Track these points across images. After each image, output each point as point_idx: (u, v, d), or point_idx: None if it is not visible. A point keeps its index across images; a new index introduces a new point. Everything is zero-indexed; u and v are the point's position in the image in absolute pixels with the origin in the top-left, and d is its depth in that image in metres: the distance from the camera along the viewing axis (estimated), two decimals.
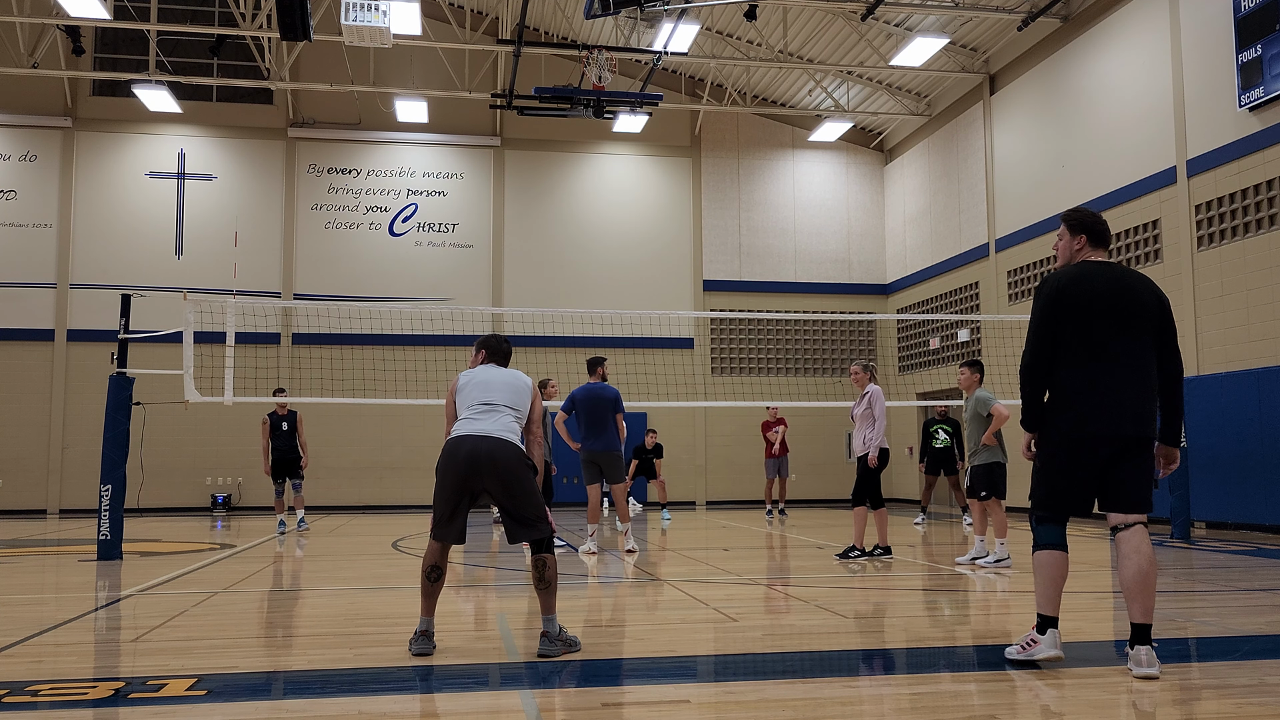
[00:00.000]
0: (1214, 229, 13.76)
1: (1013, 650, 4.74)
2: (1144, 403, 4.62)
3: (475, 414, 5.28)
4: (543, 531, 5.14)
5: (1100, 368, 4.61)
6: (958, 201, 20.27)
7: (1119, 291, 4.67)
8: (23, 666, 4.85)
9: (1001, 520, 9.10)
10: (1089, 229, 4.84)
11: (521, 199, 22.31)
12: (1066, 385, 4.67)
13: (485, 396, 5.35)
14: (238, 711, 3.97)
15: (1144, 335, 4.67)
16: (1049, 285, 4.73)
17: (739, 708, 3.99)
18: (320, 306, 20.19)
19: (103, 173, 21.04)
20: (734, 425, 21.87)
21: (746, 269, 22.77)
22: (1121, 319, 4.64)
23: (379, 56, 20.53)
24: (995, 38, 18.57)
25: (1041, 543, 4.73)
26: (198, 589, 7.85)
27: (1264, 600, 6.78)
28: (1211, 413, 13.27)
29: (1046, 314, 4.69)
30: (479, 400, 5.34)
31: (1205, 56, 13.89)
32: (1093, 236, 4.84)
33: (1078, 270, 4.74)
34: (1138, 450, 4.61)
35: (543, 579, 5.11)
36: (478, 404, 5.32)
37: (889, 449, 9.82)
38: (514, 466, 5.13)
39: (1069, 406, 4.65)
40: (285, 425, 14.05)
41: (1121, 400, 4.58)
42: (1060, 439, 4.67)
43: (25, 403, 20.27)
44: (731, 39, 20.29)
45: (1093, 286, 4.66)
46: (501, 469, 5.11)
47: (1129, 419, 4.57)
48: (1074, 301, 4.65)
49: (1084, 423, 4.60)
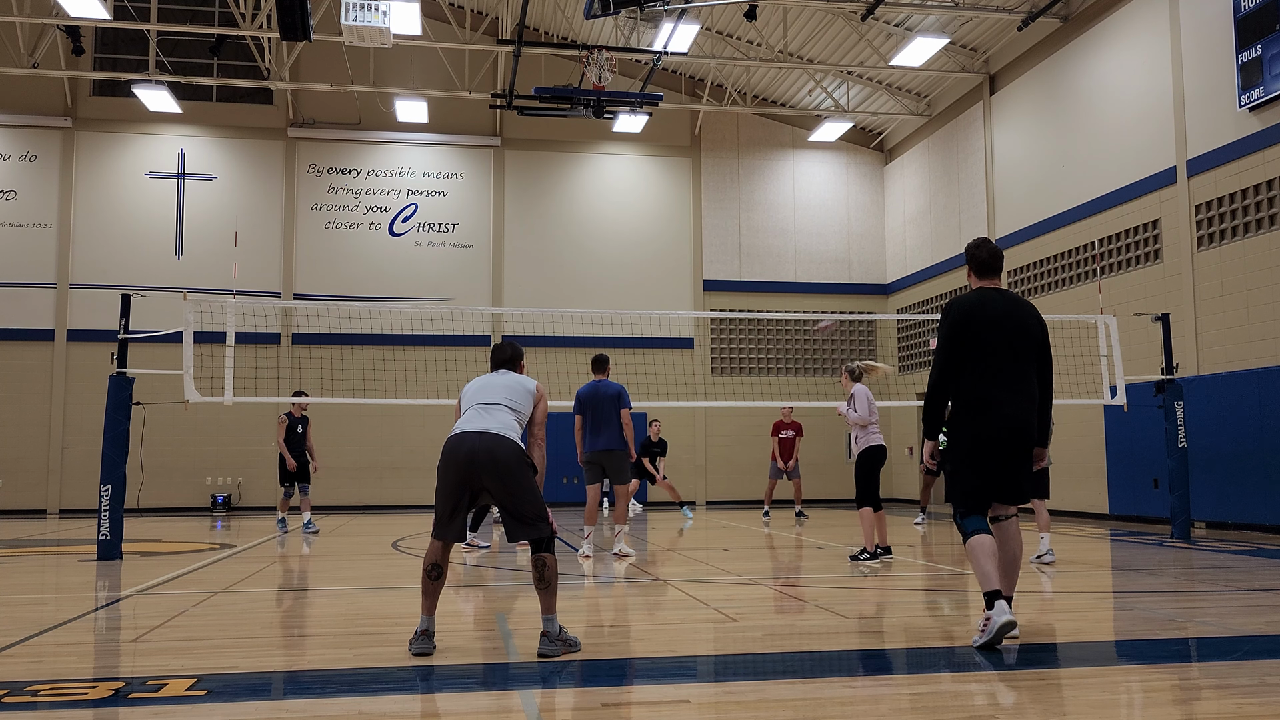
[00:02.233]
0: (1214, 229, 13.76)
1: (976, 639, 5.04)
2: (1029, 413, 5.26)
3: (475, 413, 5.31)
4: (541, 531, 5.13)
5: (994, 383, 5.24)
6: (958, 201, 20.28)
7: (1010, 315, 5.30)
8: (23, 666, 4.85)
9: (1045, 519, 9.31)
10: (972, 260, 5.50)
11: (521, 199, 22.31)
12: (970, 397, 5.27)
13: (485, 396, 5.40)
14: (238, 711, 3.97)
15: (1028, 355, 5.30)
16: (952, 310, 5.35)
17: (739, 708, 3.99)
18: (320, 306, 20.19)
19: (103, 173, 21.04)
20: (734, 425, 21.88)
21: (746, 269, 22.78)
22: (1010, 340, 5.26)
23: (379, 56, 20.54)
24: (995, 38, 18.57)
25: (970, 530, 5.19)
26: (198, 589, 7.85)
27: (1264, 600, 6.78)
28: (1211, 413, 13.26)
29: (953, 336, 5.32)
30: (479, 400, 5.39)
31: (1205, 56, 13.89)
32: (977, 267, 5.48)
33: (977, 296, 5.38)
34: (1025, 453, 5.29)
35: (542, 578, 5.10)
36: (478, 404, 5.37)
37: (884, 447, 9.73)
38: (512, 464, 5.12)
39: (975, 416, 5.24)
40: (300, 428, 14.23)
41: (1009, 411, 5.19)
42: (970, 444, 5.28)
43: (25, 403, 20.27)
44: (731, 39, 20.29)
45: (987, 312, 5.29)
46: (500, 466, 5.09)
47: (1018, 426, 5.22)
48: (973, 324, 5.28)
49: (985, 429, 5.22)
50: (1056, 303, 16.75)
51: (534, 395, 5.48)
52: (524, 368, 5.88)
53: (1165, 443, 12.37)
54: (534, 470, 5.24)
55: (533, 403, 5.47)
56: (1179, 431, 12.23)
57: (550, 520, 5.21)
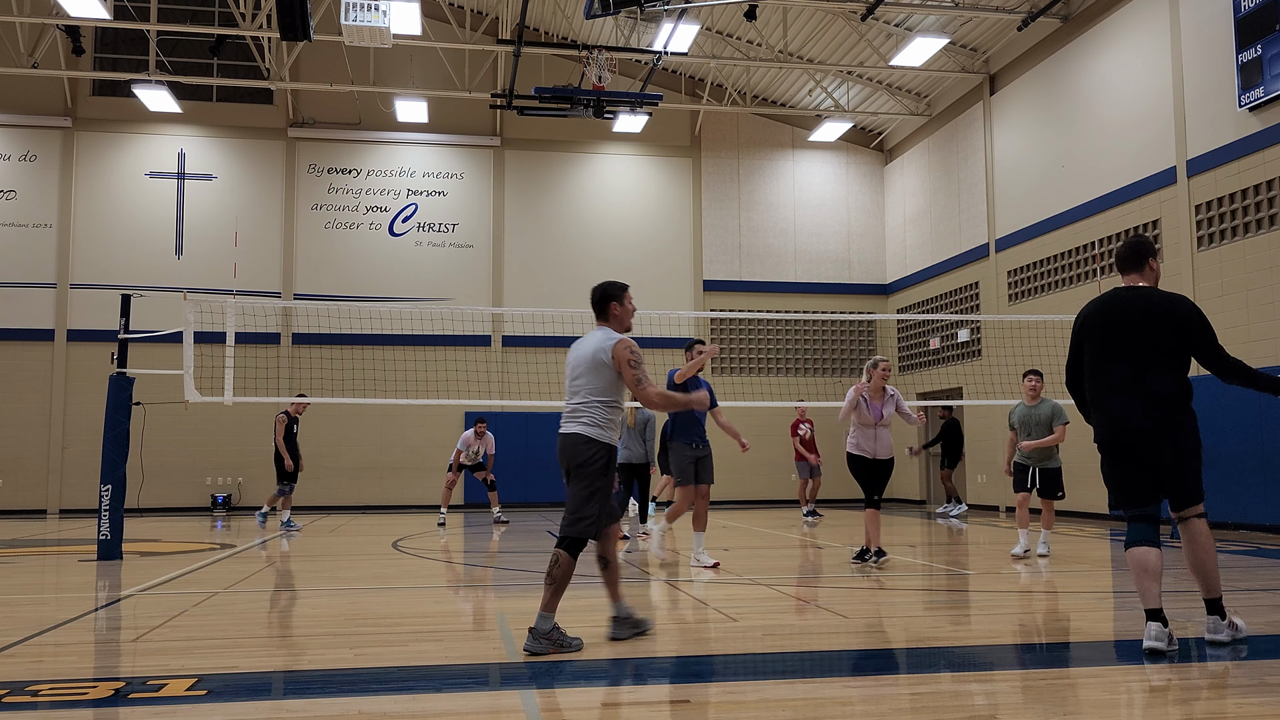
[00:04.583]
0: (1214, 229, 13.76)
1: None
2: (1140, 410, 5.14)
3: (566, 405, 5.46)
4: (569, 530, 5.20)
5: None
6: (958, 201, 20.27)
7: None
8: (23, 666, 4.85)
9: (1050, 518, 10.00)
10: (1116, 260, 5.54)
11: (521, 199, 22.31)
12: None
13: (569, 381, 5.48)
14: (238, 711, 3.97)
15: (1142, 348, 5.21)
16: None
17: (739, 708, 3.99)
18: (320, 306, 20.19)
19: (103, 173, 21.04)
20: (734, 425, 21.82)
21: (746, 269, 22.78)
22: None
23: (379, 56, 20.53)
24: (995, 38, 18.57)
25: (1128, 542, 5.15)
26: (198, 589, 7.85)
27: (1264, 600, 6.78)
28: (1211, 413, 13.23)
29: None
30: (567, 386, 5.50)
31: (1205, 56, 13.89)
32: (1119, 265, 5.49)
33: (1100, 299, 5.39)
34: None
35: (549, 574, 5.18)
36: (567, 390, 5.49)
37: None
38: (571, 467, 5.28)
39: (1094, 420, 5.36)
40: (295, 428, 14.68)
41: (1115, 414, 5.18)
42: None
43: (25, 403, 20.27)
44: (731, 39, 20.29)
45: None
46: (568, 469, 5.33)
47: (1129, 426, 5.13)
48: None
49: (1100, 433, 5.27)
50: (1056, 303, 16.75)
51: (609, 363, 5.23)
52: (619, 309, 5.49)
53: None
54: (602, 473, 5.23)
55: (612, 373, 5.25)
56: None
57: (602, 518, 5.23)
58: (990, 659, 4.93)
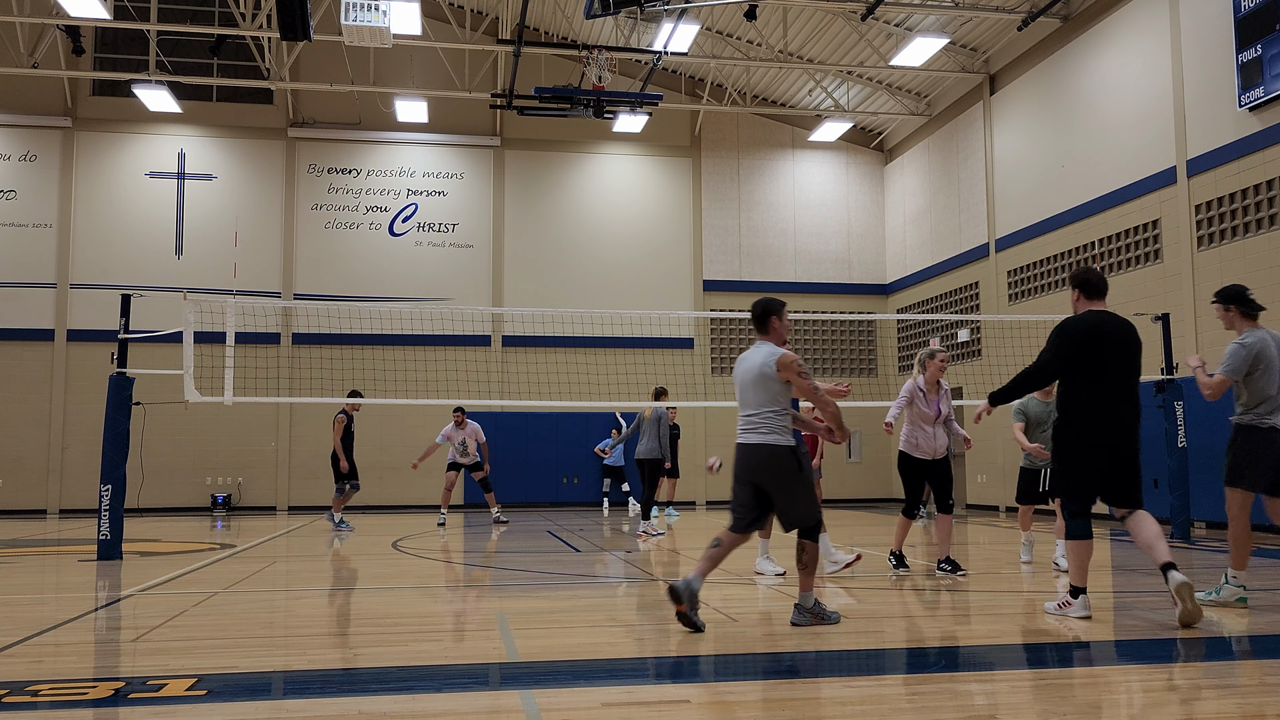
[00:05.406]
0: (1214, 229, 13.76)
1: (1050, 606, 6.04)
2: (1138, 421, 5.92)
3: (739, 419, 5.80)
4: (806, 522, 5.66)
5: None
6: (957, 201, 20.28)
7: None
8: (23, 666, 4.85)
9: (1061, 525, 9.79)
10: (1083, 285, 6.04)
11: (521, 199, 22.31)
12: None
13: (739, 394, 5.81)
14: (238, 711, 3.97)
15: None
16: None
17: (739, 708, 3.99)
18: (320, 306, 20.19)
19: (103, 173, 21.04)
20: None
21: (746, 269, 22.78)
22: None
23: (379, 56, 20.53)
24: (995, 38, 18.57)
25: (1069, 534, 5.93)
26: (198, 589, 7.85)
27: (1264, 600, 6.78)
28: (1211, 413, 13.25)
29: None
30: (738, 398, 5.83)
31: (1205, 56, 13.89)
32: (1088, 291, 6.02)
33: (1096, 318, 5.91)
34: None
35: (800, 561, 5.73)
36: (739, 401, 5.81)
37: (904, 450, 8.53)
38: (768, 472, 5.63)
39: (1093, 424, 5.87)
40: (352, 427, 14.98)
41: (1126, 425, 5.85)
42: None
43: (25, 403, 20.27)
44: (731, 39, 20.29)
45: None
46: (763, 473, 5.63)
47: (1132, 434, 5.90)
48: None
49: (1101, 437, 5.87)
50: (1056, 303, 16.75)
51: (774, 377, 5.60)
52: (778, 323, 5.84)
53: (1165, 443, 12.36)
54: (800, 466, 5.59)
55: (779, 385, 5.61)
56: (1179, 431, 12.24)
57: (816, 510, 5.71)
58: (990, 659, 4.93)
